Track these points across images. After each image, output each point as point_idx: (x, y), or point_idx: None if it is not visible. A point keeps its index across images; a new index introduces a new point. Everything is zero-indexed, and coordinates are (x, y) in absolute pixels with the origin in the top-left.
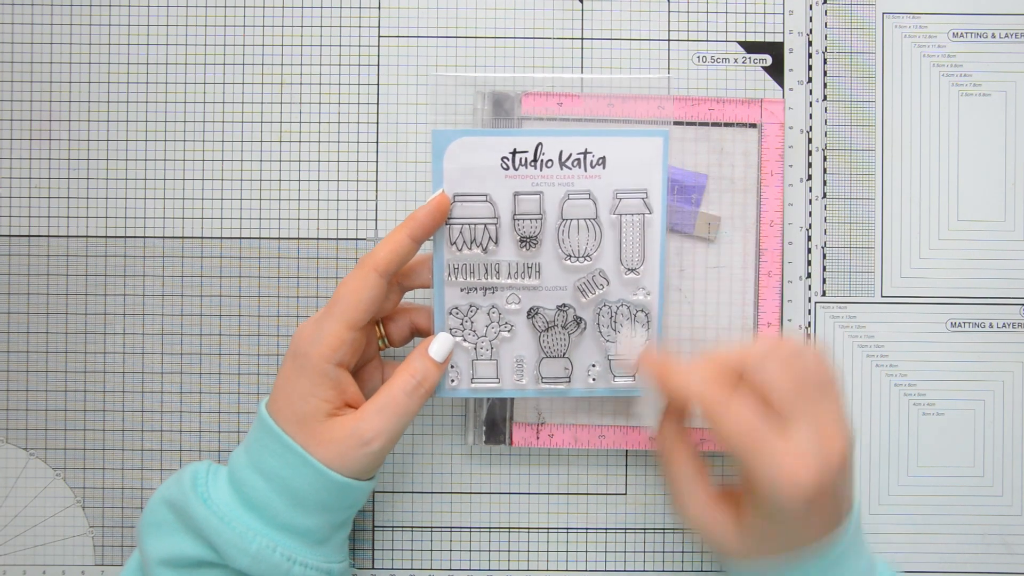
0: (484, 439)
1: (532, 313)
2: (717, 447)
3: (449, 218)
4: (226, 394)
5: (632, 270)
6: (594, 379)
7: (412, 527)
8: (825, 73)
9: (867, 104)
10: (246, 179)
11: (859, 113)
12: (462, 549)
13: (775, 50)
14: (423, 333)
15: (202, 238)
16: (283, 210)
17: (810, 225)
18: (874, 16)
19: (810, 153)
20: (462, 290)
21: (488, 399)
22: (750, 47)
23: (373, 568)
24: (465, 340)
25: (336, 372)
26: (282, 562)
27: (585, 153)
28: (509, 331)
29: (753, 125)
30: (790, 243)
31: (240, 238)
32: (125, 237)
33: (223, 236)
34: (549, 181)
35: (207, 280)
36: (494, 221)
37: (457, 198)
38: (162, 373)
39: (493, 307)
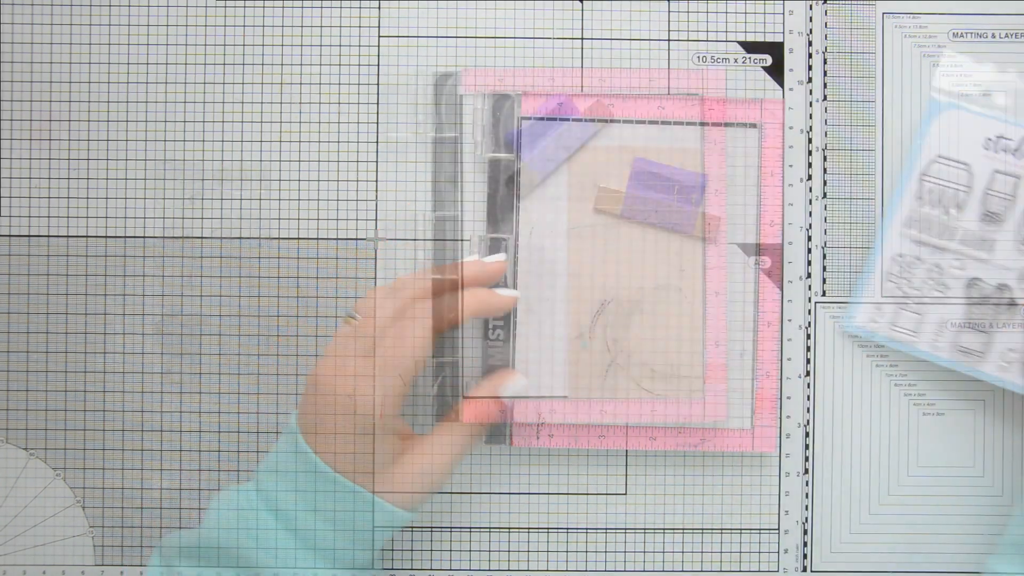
0: (484, 439)
1: (971, 283)
2: (716, 448)
3: (924, 174)
4: (226, 394)
5: None
6: (1007, 363)
7: (412, 527)
8: (825, 73)
9: (867, 104)
10: (246, 179)
11: (859, 113)
12: (462, 549)
13: (775, 50)
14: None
15: (202, 238)
16: (283, 210)
17: (810, 225)
18: (874, 16)
19: (810, 153)
20: (913, 241)
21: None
22: (750, 47)
23: (373, 568)
24: (900, 288)
25: (395, 421)
26: None
27: None
28: (942, 292)
29: (753, 125)
30: (790, 243)
31: (240, 238)
32: (125, 237)
33: (223, 236)
34: None
35: (207, 280)
36: (966, 189)
37: (939, 158)
38: (162, 373)
39: (936, 266)
